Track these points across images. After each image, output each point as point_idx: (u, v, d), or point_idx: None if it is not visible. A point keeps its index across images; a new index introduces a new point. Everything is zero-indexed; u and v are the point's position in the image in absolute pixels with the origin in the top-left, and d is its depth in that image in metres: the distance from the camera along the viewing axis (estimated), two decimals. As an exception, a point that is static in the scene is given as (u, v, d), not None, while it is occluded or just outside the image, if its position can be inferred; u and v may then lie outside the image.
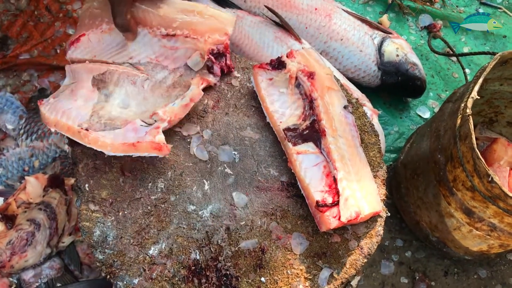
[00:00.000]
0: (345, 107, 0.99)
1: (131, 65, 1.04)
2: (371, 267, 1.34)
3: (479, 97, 1.02)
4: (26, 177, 1.15)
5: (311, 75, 0.98)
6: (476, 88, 1.01)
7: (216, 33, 1.02)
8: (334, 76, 1.04)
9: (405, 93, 1.51)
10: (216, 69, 1.05)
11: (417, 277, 1.34)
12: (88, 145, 0.92)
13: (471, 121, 0.98)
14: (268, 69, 1.03)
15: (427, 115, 1.54)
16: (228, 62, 1.05)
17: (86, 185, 0.96)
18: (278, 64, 1.02)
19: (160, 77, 1.04)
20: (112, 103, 1.01)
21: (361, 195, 0.90)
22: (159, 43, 1.04)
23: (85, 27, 1.06)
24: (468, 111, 0.99)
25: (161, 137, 0.90)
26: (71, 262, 1.17)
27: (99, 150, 0.91)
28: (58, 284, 1.13)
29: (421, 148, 1.22)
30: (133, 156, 0.91)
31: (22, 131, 1.36)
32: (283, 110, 1.00)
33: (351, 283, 1.15)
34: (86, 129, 0.93)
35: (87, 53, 1.05)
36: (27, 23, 1.51)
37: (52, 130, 0.97)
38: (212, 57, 1.03)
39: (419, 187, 1.21)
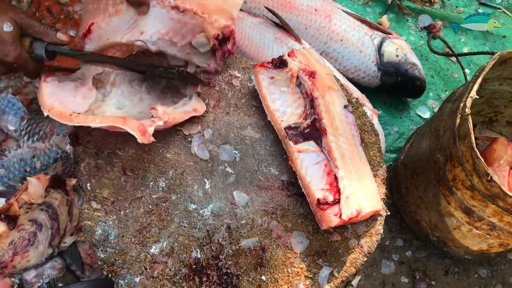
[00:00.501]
0: (345, 106, 0.99)
1: (144, 42, 1.02)
2: (372, 266, 1.34)
3: (478, 97, 1.02)
4: (28, 178, 1.15)
5: (312, 74, 0.99)
6: (475, 87, 1.02)
7: (223, 15, 1.00)
8: (334, 76, 1.04)
9: (405, 93, 1.52)
10: (218, 55, 1.04)
11: (418, 277, 1.34)
12: (77, 124, 0.92)
13: (470, 120, 0.99)
14: (269, 68, 1.04)
15: (427, 115, 1.54)
16: (229, 46, 1.04)
17: (88, 184, 0.97)
18: (279, 63, 1.03)
19: (170, 52, 1.03)
20: (108, 103, 1.02)
21: (361, 193, 0.91)
22: (168, 15, 1.01)
23: (91, 14, 1.04)
24: (467, 110, 1.00)
25: (151, 129, 0.90)
26: (73, 262, 1.18)
27: (87, 125, 0.91)
28: (60, 284, 1.13)
29: (421, 148, 1.23)
30: (116, 129, 0.91)
31: (23, 132, 1.37)
32: (284, 108, 1.00)
33: (352, 283, 1.15)
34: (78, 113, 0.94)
35: (101, 40, 1.04)
36: (29, 24, 1.52)
37: (45, 113, 0.97)
38: (217, 43, 1.02)
39: (419, 186, 1.22)
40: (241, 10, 1.47)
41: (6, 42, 0.95)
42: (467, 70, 1.58)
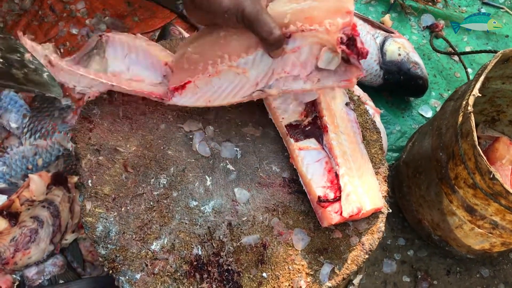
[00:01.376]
0: (346, 104, 0.99)
1: (262, 91, 0.89)
2: (373, 265, 1.34)
3: (480, 95, 1.02)
4: (30, 175, 1.16)
5: (312, 72, 0.98)
6: (478, 85, 1.02)
7: (337, 15, 0.81)
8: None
9: (407, 92, 1.52)
10: (355, 61, 0.82)
11: (419, 276, 1.34)
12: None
13: (473, 118, 0.99)
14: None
15: (429, 114, 1.54)
16: (359, 45, 0.81)
17: (89, 180, 0.96)
18: None
19: (297, 87, 0.88)
20: None
21: (362, 191, 0.91)
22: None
23: (186, 72, 0.92)
24: (470, 108, 0.99)
25: None
26: (74, 259, 1.18)
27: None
28: (61, 281, 1.13)
29: (423, 147, 1.22)
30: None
31: (25, 130, 1.37)
32: (285, 106, 1.00)
33: (353, 282, 1.15)
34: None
35: (198, 99, 0.94)
36: (31, 22, 1.53)
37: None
38: (345, 48, 0.81)
39: (421, 185, 1.22)
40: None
41: None
42: (469, 70, 1.58)
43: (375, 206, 0.91)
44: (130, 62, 1.01)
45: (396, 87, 1.47)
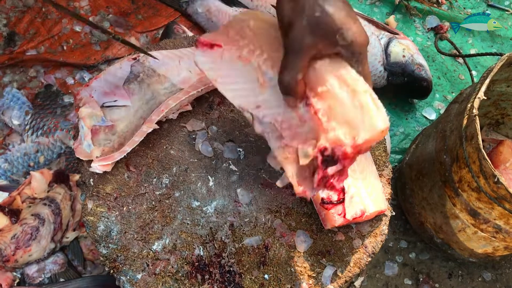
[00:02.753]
0: (351, 104, 0.98)
1: (252, 116, 0.83)
2: (375, 268, 1.33)
3: (486, 98, 1.01)
4: (32, 172, 1.15)
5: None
6: (483, 88, 1.01)
7: (346, 128, 0.71)
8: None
9: (411, 94, 1.51)
10: (315, 179, 0.74)
11: (421, 279, 1.33)
12: None
13: (478, 121, 0.98)
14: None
15: (433, 116, 1.53)
16: (330, 172, 0.72)
17: (91, 179, 0.96)
18: None
19: (271, 142, 0.82)
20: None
21: (366, 193, 0.90)
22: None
23: (224, 37, 0.87)
24: (475, 111, 0.99)
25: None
26: (75, 257, 1.18)
27: None
28: (61, 279, 1.13)
29: (426, 149, 1.22)
30: None
31: (27, 127, 1.37)
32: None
33: (355, 284, 1.14)
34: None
35: (210, 68, 0.87)
36: (35, 19, 1.52)
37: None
38: (320, 158, 0.72)
39: (424, 188, 1.21)
40: (247, 8, 1.47)
41: None
42: (474, 72, 1.57)
43: (378, 209, 0.91)
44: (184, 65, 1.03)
45: (400, 88, 1.46)
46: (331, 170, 0.72)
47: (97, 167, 0.92)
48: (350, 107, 0.72)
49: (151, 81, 1.02)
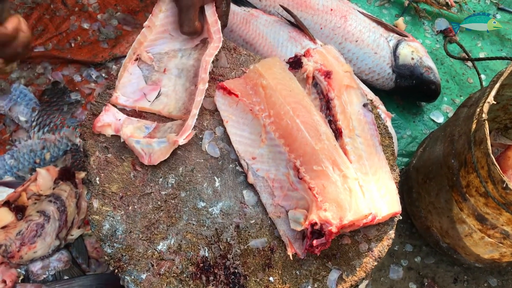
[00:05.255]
0: (364, 105, 0.98)
1: (246, 165, 0.95)
2: (380, 271, 1.33)
3: (495, 102, 1.00)
4: (37, 169, 1.15)
5: (327, 74, 0.97)
6: (493, 92, 1.00)
7: (335, 210, 0.84)
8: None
9: (419, 97, 1.50)
10: (304, 243, 0.87)
11: (426, 283, 1.33)
12: None
13: (487, 126, 0.97)
14: (285, 70, 1.02)
15: (440, 120, 1.52)
16: (316, 243, 0.83)
17: (97, 178, 0.96)
18: (295, 63, 1.01)
19: (264, 197, 0.94)
20: None
21: (379, 195, 0.89)
22: (283, 171, 0.93)
23: (242, 88, 1.01)
24: (484, 116, 0.98)
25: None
26: (79, 255, 1.18)
27: None
28: (66, 277, 1.13)
29: (434, 153, 1.21)
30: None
31: (34, 124, 1.37)
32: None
33: (359, 287, 1.14)
34: None
35: (226, 111, 1.01)
36: (43, 16, 1.52)
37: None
38: (309, 229, 0.84)
39: (431, 192, 1.20)
40: (256, 7, 1.46)
41: None
42: (483, 76, 1.56)
43: (392, 211, 0.90)
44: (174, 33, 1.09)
45: (408, 91, 1.45)
46: (316, 242, 0.83)
47: (185, 141, 0.94)
48: (341, 190, 0.85)
49: (167, 61, 1.05)
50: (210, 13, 1.03)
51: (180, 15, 1.01)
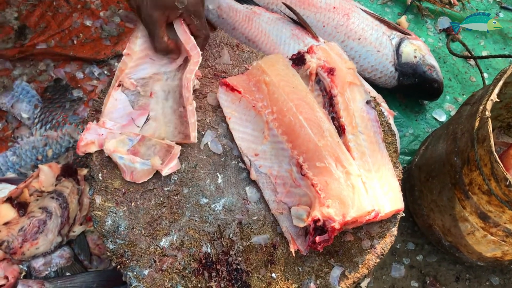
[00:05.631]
0: (367, 102, 0.97)
1: (249, 161, 0.97)
2: (382, 269, 1.32)
3: (498, 100, 1.00)
4: (40, 165, 1.15)
5: (331, 71, 0.97)
6: (496, 90, 1.00)
7: (338, 207, 0.84)
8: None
9: (422, 95, 1.50)
10: (307, 240, 0.88)
11: (428, 281, 1.32)
12: None
13: (490, 123, 0.97)
14: (288, 66, 1.02)
15: (443, 118, 1.52)
16: (318, 240, 0.84)
17: (100, 174, 0.96)
18: (298, 60, 1.01)
19: (267, 193, 0.95)
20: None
21: (382, 192, 0.89)
22: (286, 167, 0.94)
23: (245, 84, 1.02)
24: (487, 113, 0.98)
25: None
26: (81, 252, 1.17)
27: None
28: (67, 273, 1.13)
29: (437, 151, 1.21)
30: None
31: (36, 120, 1.37)
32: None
33: (361, 285, 1.14)
34: None
35: (229, 107, 1.02)
36: (46, 13, 1.52)
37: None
38: (312, 226, 0.85)
39: (434, 190, 1.20)
40: (258, 5, 1.46)
41: None
42: (485, 75, 1.56)
43: (395, 208, 0.90)
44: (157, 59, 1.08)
45: (411, 89, 1.45)
46: (319, 238, 0.84)
47: (169, 171, 0.94)
48: (344, 186, 0.86)
49: (153, 85, 1.03)
50: (180, 30, 1.01)
51: (149, 34, 1.01)
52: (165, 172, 0.92)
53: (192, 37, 1.01)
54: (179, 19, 1.01)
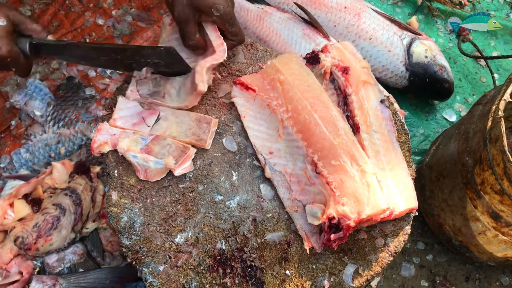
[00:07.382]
0: (381, 101, 0.98)
1: (264, 159, 0.97)
2: (392, 268, 1.33)
3: (511, 100, 1.00)
4: (53, 163, 1.16)
5: (345, 70, 0.98)
6: (509, 90, 1.00)
7: (353, 204, 0.85)
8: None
9: (432, 96, 1.50)
10: (322, 238, 0.89)
11: (438, 281, 1.33)
12: None
13: (503, 123, 0.97)
14: (302, 64, 1.03)
15: (453, 118, 1.52)
16: (333, 237, 0.85)
17: (115, 171, 0.97)
18: (312, 59, 1.02)
19: (281, 191, 0.95)
20: None
21: (396, 191, 0.90)
22: (301, 165, 0.94)
23: (259, 83, 1.03)
24: (500, 113, 0.98)
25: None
26: (94, 248, 1.18)
27: None
28: (80, 270, 1.14)
29: (448, 150, 1.21)
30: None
31: (49, 118, 1.38)
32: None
33: (371, 284, 1.14)
34: None
35: (243, 105, 1.03)
36: (58, 12, 1.53)
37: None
38: (327, 224, 0.85)
39: (444, 189, 1.20)
40: (269, 5, 1.47)
41: (0, 36, 0.95)
42: (496, 75, 1.56)
43: (409, 206, 0.90)
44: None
45: (421, 89, 1.45)
46: (334, 236, 0.84)
47: (182, 171, 0.95)
48: (359, 184, 0.86)
49: (164, 84, 1.04)
50: (211, 29, 1.02)
51: (180, 29, 1.02)
52: (177, 172, 0.93)
53: (221, 37, 1.02)
54: (210, 22, 1.02)
